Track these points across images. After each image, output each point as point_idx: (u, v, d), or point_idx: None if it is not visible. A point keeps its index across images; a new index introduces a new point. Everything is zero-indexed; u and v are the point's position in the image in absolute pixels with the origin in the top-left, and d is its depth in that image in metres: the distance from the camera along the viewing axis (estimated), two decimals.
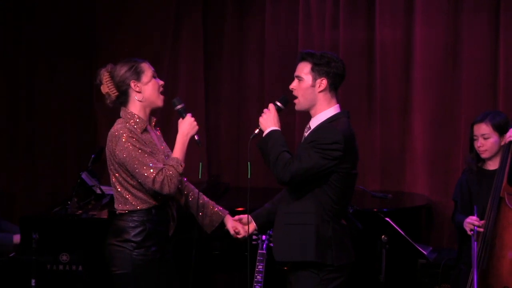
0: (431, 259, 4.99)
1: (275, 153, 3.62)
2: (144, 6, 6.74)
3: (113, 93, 3.86)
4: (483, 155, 4.51)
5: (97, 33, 6.81)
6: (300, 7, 6.45)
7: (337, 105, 3.76)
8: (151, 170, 3.70)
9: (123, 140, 3.73)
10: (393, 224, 4.85)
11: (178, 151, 3.82)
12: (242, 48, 6.71)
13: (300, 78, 3.73)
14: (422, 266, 5.29)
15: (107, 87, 3.86)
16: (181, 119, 3.87)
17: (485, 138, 4.48)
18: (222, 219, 4.02)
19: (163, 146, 3.96)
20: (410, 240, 4.86)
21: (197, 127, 3.84)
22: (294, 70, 6.01)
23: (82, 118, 6.86)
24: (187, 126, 3.83)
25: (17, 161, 6.66)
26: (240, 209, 4.86)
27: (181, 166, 3.77)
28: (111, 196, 5.43)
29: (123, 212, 3.83)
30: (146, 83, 3.84)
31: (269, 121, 3.72)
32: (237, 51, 6.73)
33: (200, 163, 3.94)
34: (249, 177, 3.77)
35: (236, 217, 4.02)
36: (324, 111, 3.73)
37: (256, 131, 3.77)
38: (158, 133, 4.01)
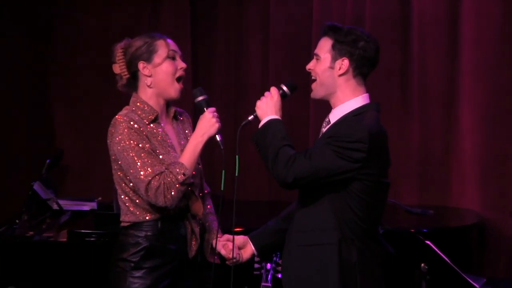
0: None
1: (274, 147, 3.37)
2: None
3: (125, 74, 3.65)
4: None
5: (52, 10, 6.54)
6: None
7: (366, 94, 3.46)
8: (147, 172, 3.46)
9: (119, 131, 3.54)
10: (435, 249, 4.44)
11: (186, 155, 3.56)
12: (241, 26, 6.50)
13: (318, 57, 3.47)
14: None
15: (119, 67, 3.65)
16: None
17: None
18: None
19: (183, 142, 3.75)
20: (457, 269, 4.46)
21: (217, 125, 3.56)
22: (305, 52, 6.02)
23: (34, 114, 6.61)
24: (204, 124, 3.58)
25: None
26: (238, 229, 4.44)
27: (184, 174, 3.48)
28: (72, 213, 5.57)
29: (125, 225, 3.64)
30: (158, 65, 3.61)
31: (268, 107, 3.47)
32: (235, 30, 6.51)
33: (223, 171, 3.61)
34: (236, 174, 3.49)
35: (224, 237, 3.72)
36: (348, 102, 3.43)
37: (250, 117, 3.52)
38: (188, 125, 3.85)
